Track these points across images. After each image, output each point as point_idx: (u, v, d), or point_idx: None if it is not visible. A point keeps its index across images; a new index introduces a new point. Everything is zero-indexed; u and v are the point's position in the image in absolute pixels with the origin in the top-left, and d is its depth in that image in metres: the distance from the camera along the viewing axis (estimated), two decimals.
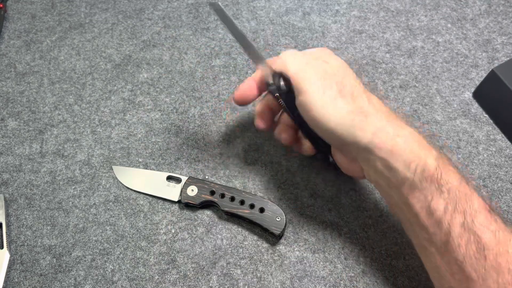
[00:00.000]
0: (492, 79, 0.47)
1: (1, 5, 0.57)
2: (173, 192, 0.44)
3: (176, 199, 0.44)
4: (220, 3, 0.38)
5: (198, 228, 0.43)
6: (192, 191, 0.43)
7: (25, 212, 0.45)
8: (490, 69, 0.48)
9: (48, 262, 0.42)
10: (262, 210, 0.42)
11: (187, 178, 0.44)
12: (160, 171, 0.46)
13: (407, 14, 0.57)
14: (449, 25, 0.56)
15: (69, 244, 0.43)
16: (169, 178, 0.45)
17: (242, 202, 0.42)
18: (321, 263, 0.41)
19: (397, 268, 0.41)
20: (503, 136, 0.47)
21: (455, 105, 0.50)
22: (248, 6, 0.58)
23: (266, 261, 0.41)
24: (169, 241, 0.43)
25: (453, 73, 0.52)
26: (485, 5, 0.57)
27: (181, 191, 0.44)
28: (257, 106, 0.42)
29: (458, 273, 0.30)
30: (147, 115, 0.50)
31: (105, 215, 0.44)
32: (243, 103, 0.41)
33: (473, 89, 0.51)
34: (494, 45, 0.54)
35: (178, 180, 0.45)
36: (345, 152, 0.37)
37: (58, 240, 0.43)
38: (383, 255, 0.41)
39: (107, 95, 0.52)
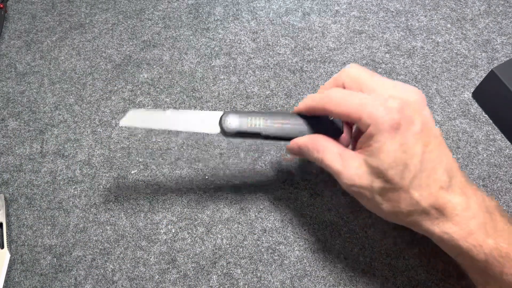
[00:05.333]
0: (491, 79, 0.47)
1: (1, 5, 0.57)
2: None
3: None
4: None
5: (198, 227, 0.43)
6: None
7: (26, 212, 0.45)
8: (490, 69, 0.48)
9: (48, 262, 0.42)
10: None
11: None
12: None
13: (406, 14, 0.57)
14: (448, 25, 0.56)
15: (70, 244, 0.43)
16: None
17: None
18: (321, 262, 0.41)
19: (397, 268, 0.41)
20: (503, 136, 0.48)
21: (454, 105, 0.50)
22: (248, 6, 0.58)
23: (266, 261, 0.42)
24: (169, 240, 0.43)
25: (453, 73, 0.52)
26: (484, 5, 0.57)
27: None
28: None
29: None
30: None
31: (106, 215, 0.44)
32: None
33: (472, 89, 0.51)
34: (494, 45, 0.54)
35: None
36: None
37: (59, 240, 0.43)
38: (383, 254, 0.41)
39: (107, 95, 0.52)
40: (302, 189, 0.45)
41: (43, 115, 0.51)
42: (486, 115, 0.49)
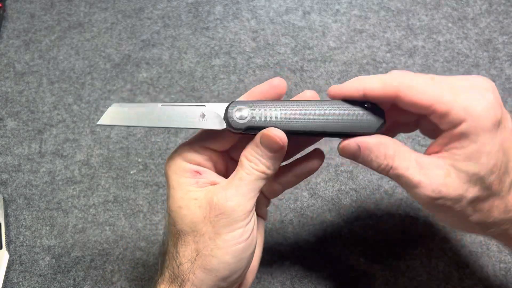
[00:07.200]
0: None
1: (0, 5, 0.57)
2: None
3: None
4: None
5: None
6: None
7: (24, 212, 0.44)
8: (491, 69, 0.47)
9: (47, 263, 0.42)
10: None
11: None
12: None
13: (407, 13, 0.57)
14: (450, 25, 0.55)
15: (68, 245, 0.43)
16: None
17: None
18: (322, 263, 0.41)
19: (398, 269, 0.41)
20: None
21: None
22: (248, 5, 0.58)
23: (266, 261, 0.41)
24: None
25: (454, 73, 0.52)
26: (486, 5, 0.57)
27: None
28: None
29: None
30: None
31: (104, 215, 0.44)
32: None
33: None
34: (495, 44, 0.53)
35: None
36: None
37: (57, 241, 0.43)
38: (383, 255, 0.41)
39: (106, 95, 0.51)
40: (302, 189, 0.45)
41: (41, 115, 0.50)
42: None
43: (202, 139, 0.30)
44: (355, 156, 0.28)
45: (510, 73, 0.51)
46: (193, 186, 0.28)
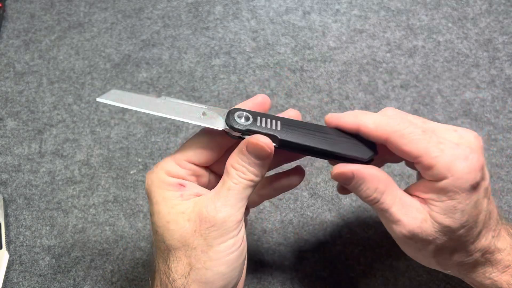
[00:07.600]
0: None
1: (0, 5, 0.57)
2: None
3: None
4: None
5: None
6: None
7: (24, 212, 0.44)
8: (491, 69, 0.47)
9: (47, 263, 0.42)
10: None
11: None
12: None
13: (407, 13, 0.57)
14: (450, 25, 0.55)
15: (68, 245, 0.43)
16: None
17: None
18: (321, 263, 0.41)
19: (398, 269, 0.41)
20: (504, 136, 0.47)
21: (456, 105, 0.49)
22: (248, 5, 0.58)
23: (266, 262, 0.41)
24: None
25: (454, 73, 0.52)
26: (486, 5, 0.57)
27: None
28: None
29: None
30: (146, 115, 0.50)
31: (104, 215, 0.44)
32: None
33: (474, 89, 0.50)
34: (495, 44, 0.53)
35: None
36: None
37: (57, 241, 0.43)
38: (383, 255, 0.41)
39: None
40: (302, 189, 0.45)
41: (41, 114, 0.50)
42: (488, 115, 0.49)
43: (186, 153, 0.30)
44: (346, 183, 0.29)
45: (510, 73, 0.51)
46: (179, 199, 0.28)
